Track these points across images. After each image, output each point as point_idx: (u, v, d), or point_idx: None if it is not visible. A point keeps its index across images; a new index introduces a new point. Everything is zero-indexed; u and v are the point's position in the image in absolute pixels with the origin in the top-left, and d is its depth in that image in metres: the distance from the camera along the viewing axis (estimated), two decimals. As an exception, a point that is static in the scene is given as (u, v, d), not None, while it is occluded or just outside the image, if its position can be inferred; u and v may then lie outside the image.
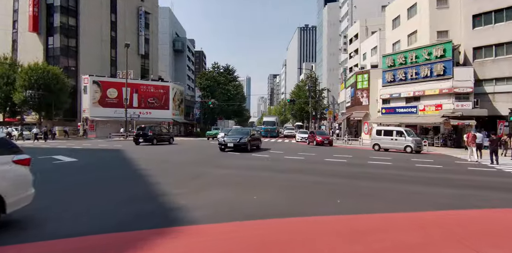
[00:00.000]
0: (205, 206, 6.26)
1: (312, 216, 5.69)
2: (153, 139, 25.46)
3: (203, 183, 8.75)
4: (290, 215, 5.68)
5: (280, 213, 5.79)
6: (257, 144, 21.18)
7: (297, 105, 62.88)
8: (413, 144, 21.07)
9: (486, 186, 9.26)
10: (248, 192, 7.65)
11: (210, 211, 5.91)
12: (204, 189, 7.99)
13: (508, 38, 27.60)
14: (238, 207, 6.25)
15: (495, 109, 27.58)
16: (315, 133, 29.44)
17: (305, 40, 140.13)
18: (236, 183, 8.90)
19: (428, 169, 12.82)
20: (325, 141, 27.47)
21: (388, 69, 34.04)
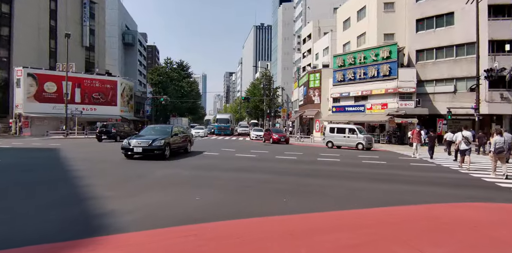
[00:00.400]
0: (138, 210, 5.61)
1: (256, 217, 5.31)
2: (116, 136, 26.45)
3: (142, 185, 8.02)
4: (233, 217, 5.25)
5: (222, 215, 5.34)
6: (184, 146, 15.90)
7: (252, 103, 62.98)
8: (365, 141, 21.77)
9: (427, 182, 9.57)
10: (191, 193, 7.11)
11: (142, 215, 5.28)
12: (142, 191, 7.29)
13: (448, 42, 29.65)
14: (176, 210, 5.69)
15: (435, 108, 29.52)
16: (271, 131, 29.17)
17: (261, 38, 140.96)
18: (180, 183, 8.29)
19: (374, 165, 13.14)
20: (282, 139, 27.25)
21: (338, 69, 35.04)
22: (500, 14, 27.58)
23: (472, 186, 9.03)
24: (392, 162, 14.55)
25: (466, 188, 8.69)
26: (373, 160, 14.98)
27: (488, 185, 9.26)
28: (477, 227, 5.12)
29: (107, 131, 26.23)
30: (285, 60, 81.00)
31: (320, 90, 38.00)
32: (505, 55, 26.82)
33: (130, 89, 48.23)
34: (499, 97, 27.26)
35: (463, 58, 28.93)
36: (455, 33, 29.13)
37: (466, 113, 26.96)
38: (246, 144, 26.25)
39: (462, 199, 7.27)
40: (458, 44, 29.17)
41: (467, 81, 28.47)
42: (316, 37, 55.25)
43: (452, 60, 29.51)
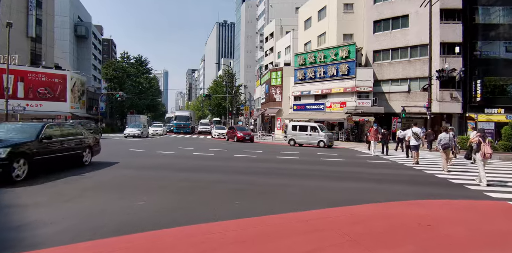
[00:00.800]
0: (67, 218, 4.81)
1: (203, 222, 4.73)
2: None
3: (79, 188, 7.11)
4: (175, 224, 4.62)
5: (166, 222, 4.70)
6: (74, 156, 9.83)
7: (214, 100, 61.94)
8: (326, 139, 21.89)
9: (384, 179, 9.52)
10: (136, 196, 6.36)
11: (68, 226, 4.50)
12: (78, 195, 6.41)
13: (403, 43, 30.77)
14: (112, 217, 4.95)
15: (390, 107, 30.56)
16: (236, 128, 28.35)
17: (224, 36, 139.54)
18: (124, 185, 7.48)
19: (332, 163, 13.05)
20: (247, 137, 26.50)
21: (299, 68, 35.21)
22: (451, 18, 29.10)
23: (427, 183, 9.09)
24: (350, 159, 14.59)
25: (421, 185, 8.71)
26: (332, 158, 14.93)
27: (441, 181, 9.39)
28: (431, 226, 4.93)
29: None
30: (248, 58, 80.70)
31: (282, 88, 38.02)
32: (455, 57, 28.34)
33: (82, 84, 45.21)
34: (449, 97, 28.77)
35: (416, 59, 30.18)
36: (410, 35, 30.31)
37: (419, 111, 28.14)
38: (206, 142, 25.45)
39: (418, 196, 7.18)
40: (412, 45, 30.39)
41: (420, 81, 29.74)
42: (278, 36, 55.38)
43: (407, 61, 30.69)
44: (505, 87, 29.42)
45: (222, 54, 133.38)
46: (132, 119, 43.85)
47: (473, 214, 5.80)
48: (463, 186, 8.56)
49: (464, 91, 29.06)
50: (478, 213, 5.85)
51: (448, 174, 10.52)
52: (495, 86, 29.23)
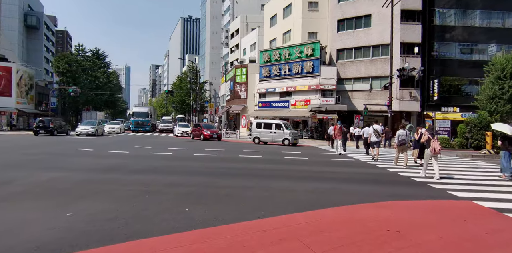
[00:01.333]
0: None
1: (133, 239, 3.93)
2: (54, 130, 27.11)
3: (7, 194, 5.99)
4: (107, 241, 3.79)
5: (100, 238, 3.85)
6: None
7: (178, 97, 60.19)
8: (291, 136, 21.53)
9: (349, 178, 9.17)
10: (70, 204, 5.39)
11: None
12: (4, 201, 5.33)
13: (365, 43, 31.24)
14: (29, 234, 4.00)
15: (353, 105, 30.95)
16: (202, 126, 26.74)
17: (189, 31, 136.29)
18: (58, 191, 6.43)
19: (296, 162, 12.61)
20: (214, 135, 25.12)
21: (264, 65, 34.76)
22: (411, 19, 29.93)
23: (391, 182, 8.84)
24: (314, 158, 14.25)
25: (386, 184, 8.43)
26: (296, 156, 14.52)
27: (405, 180, 9.19)
28: (401, 232, 4.49)
29: (44, 126, 26.92)
30: (213, 54, 79.22)
31: (247, 85, 37.40)
32: (414, 57, 29.21)
33: (30, 78, 41.64)
34: (408, 96, 29.63)
35: (378, 58, 30.79)
36: (372, 34, 30.84)
37: (380, 110, 28.71)
38: (167, 140, 24.20)
39: (384, 197, 6.82)
40: (374, 45, 30.95)
41: (381, 80, 30.37)
42: (244, 33, 54.68)
43: (369, 60, 31.23)
44: (460, 87, 30.83)
45: (187, 50, 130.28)
46: (88, 116, 40.93)
47: (442, 216, 5.46)
48: (427, 185, 8.37)
49: (423, 90, 30.07)
50: (447, 215, 5.53)
51: (411, 172, 10.41)
52: (451, 86, 30.55)
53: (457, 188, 7.99)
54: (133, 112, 39.06)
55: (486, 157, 16.16)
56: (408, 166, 11.70)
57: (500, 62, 25.08)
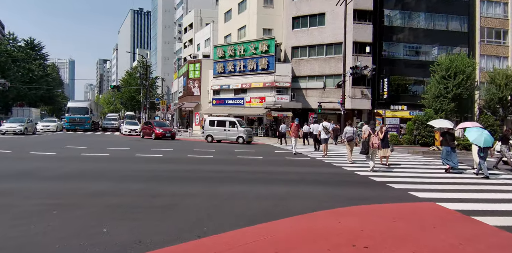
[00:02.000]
0: None
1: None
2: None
3: None
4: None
5: None
6: None
7: (127, 93, 56.75)
8: (245, 134, 20.63)
9: (306, 180, 8.47)
10: None
11: None
12: None
13: (319, 41, 31.29)
14: None
15: (307, 102, 30.90)
16: (153, 124, 24.61)
17: (139, 24, 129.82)
18: None
19: (250, 162, 11.74)
20: (167, 134, 23.15)
21: (219, 60, 33.54)
22: (363, 19, 30.48)
23: (350, 182, 8.29)
24: (268, 157, 13.49)
25: (345, 185, 7.85)
26: (249, 155, 13.64)
27: (364, 180, 8.70)
28: (369, 248, 3.76)
29: None
30: (165, 49, 75.97)
31: (200, 81, 35.91)
32: (366, 56, 29.78)
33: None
34: (360, 94, 30.21)
35: (331, 56, 31.01)
36: (326, 33, 30.98)
37: (333, 107, 28.93)
38: (109, 140, 22.10)
39: (344, 200, 6.16)
40: (328, 43, 31.13)
41: (334, 78, 30.63)
42: (197, 27, 52.83)
43: (323, 58, 31.36)
44: (407, 86, 32.10)
45: (138, 44, 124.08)
46: (20, 112, 36.14)
47: (409, 224, 4.85)
48: (386, 185, 7.91)
49: (373, 89, 30.84)
50: (415, 223, 4.94)
51: (369, 172, 10.00)
52: (399, 85, 31.69)
53: (417, 188, 7.61)
54: (68, 108, 32.07)
55: (436, 154, 16.55)
56: (353, 161, 12.01)
57: (445, 63, 26.36)
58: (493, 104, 27.56)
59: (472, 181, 8.95)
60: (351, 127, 12.40)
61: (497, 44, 32.94)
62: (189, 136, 27.52)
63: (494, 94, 26.99)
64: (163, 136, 22.77)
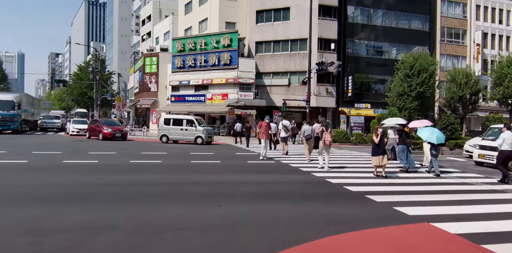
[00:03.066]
0: None
1: None
2: None
3: None
4: None
5: None
6: None
7: (78, 89, 52.45)
8: (204, 134, 18.78)
9: (269, 192, 6.97)
10: None
11: None
12: None
13: (284, 36, 30.05)
14: None
15: (272, 100, 29.59)
16: (101, 122, 21.65)
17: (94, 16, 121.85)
18: None
19: (204, 168, 10.04)
20: (117, 134, 20.57)
21: (178, 54, 31.28)
22: (328, 15, 29.65)
23: (324, 195, 6.89)
24: (228, 161, 11.86)
25: (318, 199, 6.42)
26: (206, 159, 11.91)
27: (339, 191, 7.35)
28: None
29: None
30: (122, 43, 71.48)
31: (158, 76, 33.39)
32: (331, 53, 28.98)
33: None
34: (325, 92, 29.41)
35: (296, 53, 29.92)
36: (291, 28, 29.82)
37: (298, 105, 27.89)
38: (46, 140, 19.24)
39: (319, 224, 4.71)
40: (293, 39, 30.01)
41: (299, 75, 29.59)
42: (156, 19, 49.83)
43: (288, 54, 30.20)
44: (370, 84, 31.83)
45: (92, 37, 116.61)
46: None
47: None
48: (365, 198, 6.59)
49: (338, 87, 30.21)
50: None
51: (341, 178, 8.70)
52: (363, 83, 31.33)
53: (401, 200, 6.36)
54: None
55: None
56: (311, 159, 11.85)
57: (408, 61, 26.14)
58: (453, 103, 27.86)
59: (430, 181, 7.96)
60: (309, 125, 12.11)
61: (456, 44, 33.66)
62: (144, 135, 25.13)
63: (455, 93, 27.27)
64: (112, 137, 20.28)
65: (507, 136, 8.65)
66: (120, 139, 20.89)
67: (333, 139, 23.81)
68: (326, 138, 9.69)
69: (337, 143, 23.50)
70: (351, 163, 12.13)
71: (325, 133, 9.80)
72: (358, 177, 9.05)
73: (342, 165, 11.32)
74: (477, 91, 27.48)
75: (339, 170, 10.16)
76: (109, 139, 20.17)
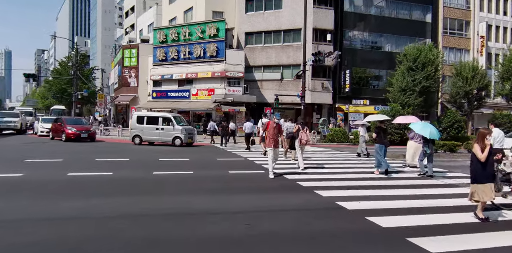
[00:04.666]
0: None
1: None
2: None
3: None
4: None
5: None
6: None
7: (56, 85, 49.40)
8: (183, 134, 16.11)
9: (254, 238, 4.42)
10: None
11: None
12: None
13: (276, 26, 27.53)
14: None
15: (262, 96, 27.10)
16: (64, 121, 18.56)
17: (79, 10, 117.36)
18: None
19: (166, 185, 7.47)
20: (83, 134, 17.76)
21: (159, 45, 28.54)
22: (323, 3, 27.19)
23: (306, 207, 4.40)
24: (204, 170, 9.32)
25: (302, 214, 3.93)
26: (177, 168, 9.32)
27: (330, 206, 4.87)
28: None
29: None
30: (106, 36, 68.08)
31: (138, 70, 30.55)
32: (327, 45, 26.55)
33: None
34: (321, 87, 26.99)
35: (289, 44, 27.45)
36: (283, 17, 27.32)
37: (291, 101, 25.50)
38: None
39: None
40: (286, 29, 27.53)
41: (293, 68, 27.15)
42: (140, 11, 46.89)
43: (280, 46, 27.71)
44: (369, 78, 29.52)
45: (77, 32, 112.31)
46: None
47: None
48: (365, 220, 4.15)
49: (334, 81, 27.85)
50: None
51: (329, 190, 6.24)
52: (361, 78, 29.01)
53: (412, 225, 3.94)
54: None
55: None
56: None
57: (412, 53, 23.84)
58: (458, 99, 25.72)
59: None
60: (291, 123, 11.31)
61: (459, 36, 31.53)
62: (118, 135, 22.32)
63: (461, 88, 25.11)
64: (77, 137, 17.49)
65: (496, 134, 7.74)
66: (88, 140, 18.14)
67: (331, 138, 21.79)
68: (303, 137, 9.36)
69: (335, 143, 21.21)
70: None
71: (301, 131, 9.45)
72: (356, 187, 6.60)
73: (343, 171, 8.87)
74: (484, 86, 25.40)
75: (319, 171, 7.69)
76: (74, 140, 17.40)
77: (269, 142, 8.34)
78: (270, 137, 8.35)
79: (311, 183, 7.44)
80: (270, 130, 8.48)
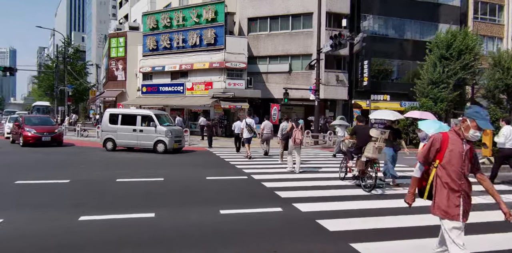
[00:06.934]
0: None
1: None
2: None
3: None
4: None
5: None
6: None
7: (45, 81, 46.54)
8: (169, 138, 12.47)
9: None
10: None
11: None
12: None
13: (283, 10, 23.85)
14: None
15: (268, 91, 23.51)
16: (23, 121, 15.13)
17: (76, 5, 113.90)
18: None
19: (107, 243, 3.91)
20: (45, 138, 14.36)
21: (150, 33, 25.03)
22: (338, -19, 23.48)
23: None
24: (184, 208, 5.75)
25: None
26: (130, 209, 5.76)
27: None
28: None
29: None
30: (101, 30, 64.55)
31: (126, 61, 27.04)
32: (342, 31, 22.81)
33: None
34: (335, 80, 23.32)
35: (299, 31, 23.80)
36: (291, 0, 23.66)
37: (301, 97, 21.95)
38: None
39: None
40: (294, 14, 23.88)
41: (302, 59, 23.58)
42: (134, 0, 43.37)
43: (288, 33, 24.06)
44: (390, 70, 25.82)
45: (75, 27, 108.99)
46: None
47: None
48: None
49: (350, 74, 24.21)
50: None
51: None
52: (379, 70, 25.32)
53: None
54: None
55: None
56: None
57: (446, 39, 20.13)
58: (497, 93, 22.01)
59: None
60: (287, 122, 10.40)
61: (491, 22, 27.67)
62: (97, 137, 18.72)
63: (500, 80, 21.40)
64: (38, 141, 13.93)
65: (508, 132, 7.35)
66: (54, 145, 14.62)
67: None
68: (297, 136, 8.84)
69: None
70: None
71: (295, 130, 8.94)
72: None
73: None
74: (529, 78, 21.69)
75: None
76: (33, 145, 13.87)
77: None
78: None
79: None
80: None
